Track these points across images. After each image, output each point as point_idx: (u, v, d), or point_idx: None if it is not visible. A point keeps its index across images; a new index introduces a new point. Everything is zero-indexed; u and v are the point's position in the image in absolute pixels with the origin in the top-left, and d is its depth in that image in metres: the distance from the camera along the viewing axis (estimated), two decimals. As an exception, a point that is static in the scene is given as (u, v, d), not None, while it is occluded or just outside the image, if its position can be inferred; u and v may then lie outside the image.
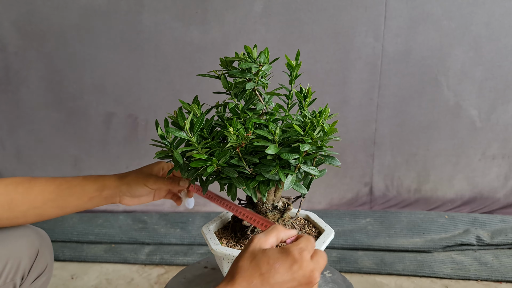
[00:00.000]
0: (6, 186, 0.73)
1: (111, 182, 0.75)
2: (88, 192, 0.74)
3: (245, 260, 0.49)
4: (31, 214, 0.73)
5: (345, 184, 1.72)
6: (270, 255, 0.49)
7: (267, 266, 0.48)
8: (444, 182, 1.70)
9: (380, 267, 1.40)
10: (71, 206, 0.75)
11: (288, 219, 0.63)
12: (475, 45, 1.54)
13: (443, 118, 1.63)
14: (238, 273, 0.49)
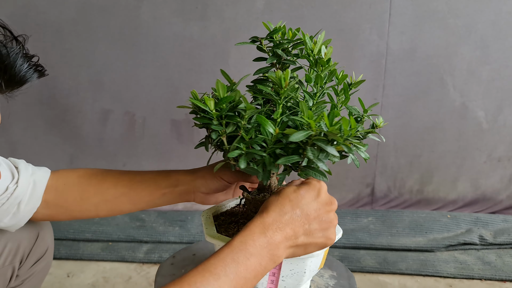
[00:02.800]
0: (79, 177, 0.77)
1: (184, 177, 0.76)
2: (161, 187, 0.76)
3: (273, 197, 0.61)
4: (102, 208, 0.77)
5: (347, 185, 1.81)
6: (294, 186, 0.62)
7: (294, 194, 0.60)
8: (447, 183, 1.81)
9: (383, 266, 1.50)
10: (144, 201, 0.77)
11: None
12: (482, 44, 1.64)
13: (448, 119, 1.73)
14: (269, 206, 0.60)
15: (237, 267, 0.54)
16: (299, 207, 0.59)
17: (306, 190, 0.61)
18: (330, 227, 0.61)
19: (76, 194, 0.76)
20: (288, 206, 0.59)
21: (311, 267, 0.66)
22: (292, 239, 0.59)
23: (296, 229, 0.59)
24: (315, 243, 0.61)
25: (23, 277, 0.84)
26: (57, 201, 0.76)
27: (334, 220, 0.62)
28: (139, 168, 1.82)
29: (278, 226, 0.58)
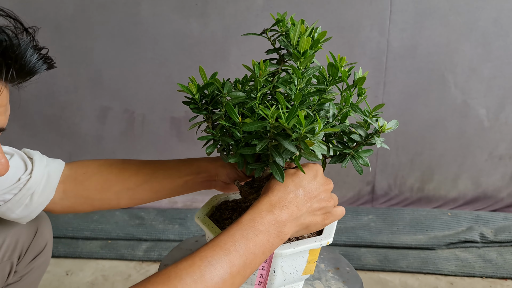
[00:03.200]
0: (100, 166, 0.78)
1: (207, 164, 0.78)
2: (183, 175, 0.77)
3: (274, 180, 0.64)
4: (124, 196, 0.77)
5: (347, 183, 1.82)
6: (294, 170, 0.65)
7: (295, 175, 0.65)
8: (448, 181, 1.81)
9: (384, 264, 1.51)
10: (165, 189, 0.78)
11: None
12: (483, 41, 1.64)
13: (450, 117, 1.74)
14: (274, 186, 0.63)
15: (247, 243, 0.57)
16: (301, 186, 0.64)
17: (306, 171, 0.65)
18: (329, 206, 0.66)
19: (97, 183, 0.76)
20: (291, 185, 0.63)
21: (283, 268, 0.66)
22: (297, 217, 0.62)
23: (300, 207, 0.62)
24: (315, 221, 0.64)
25: (21, 273, 0.84)
26: (77, 191, 0.76)
27: (331, 199, 0.67)
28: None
29: (284, 204, 0.61)
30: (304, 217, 0.63)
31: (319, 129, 0.56)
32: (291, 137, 0.57)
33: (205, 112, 0.66)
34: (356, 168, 0.66)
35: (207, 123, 0.67)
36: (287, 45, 0.64)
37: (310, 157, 0.61)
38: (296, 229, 0.63)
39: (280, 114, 0.56)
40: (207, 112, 0.66)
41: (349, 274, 0.79)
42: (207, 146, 0.66)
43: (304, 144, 0.57)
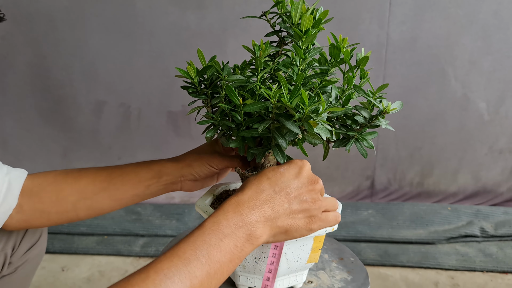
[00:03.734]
0: (55, 176, 0.73)
1: (169, 166, 0.72)
2: (144, 179, 0.72)
3: (252, 177, 0.59)
4: (81, 207, 0.72)
5: (346, 177, 1.81)
6: (274, 166, 0.60)
7: (273, 172, 0.58)
8: (447, 176, 1.81)
9: (384, 258, 1.51)
10: (126, 196, 0.72)
11: None
12: (483, 34, 1.64)
13: (450, 111, 1.73)
14: (246, 184, 0.58)
15: (209, 249, 0.50)
16: (278, 185, 0.57)
17: (286, 168, 0.59)
18: (314, 208, 0.58)
19: (51, 193, 0.71)
20: (265, 183, 0.57)
21: (287, 255, 0.64)
22: (271, 219, 0.56)
23: (275, 208, 0.56)
24: (296, 225, 0.57)
25: (16, 264, 0.82)
26: (32, 204, 0.71)
27: (317, 200, 0.58)
28: (134, 161, 1.79)
29: (254, 204, 0.55)
30: (281, 219, 0.56)
31: (323, 109, 0.54)
32: (294, 117, 0.55)
33: (204, 96, 0.64)
34: (361, 151, 0.64)
35: (206, 108, 0.65)
36: (287, 26, 0.62)
37: (314, 140, 0.59)
38: (272, 233, 0.56)
39: (282, 94, 0.54)
40: (206, 96, 0.64)
41: (353, 264, 0.78)
42: (207, 131, 0.64)
43: (308, 124, 0.55)
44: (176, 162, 0.73)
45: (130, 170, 0.72)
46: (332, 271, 0.76)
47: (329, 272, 0.75)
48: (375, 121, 0.63)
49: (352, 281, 0.73)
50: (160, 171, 0.72)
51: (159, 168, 0.72)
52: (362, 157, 1.93)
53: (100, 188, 0.72)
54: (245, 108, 0.57)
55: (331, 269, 0.76)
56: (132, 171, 0.72)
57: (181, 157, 0.74)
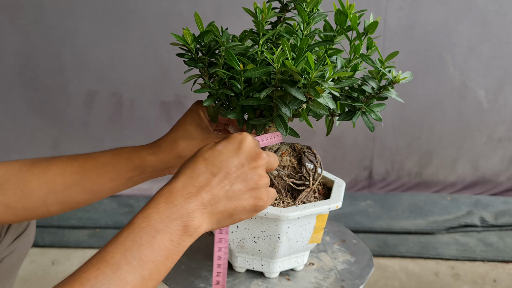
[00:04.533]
0: (21, 166, 0.65)
1: (152, 160, 0.64)
2: (124, 172, 0.64)
3: (187, 159, 0.52)
4: (52, 202, 0.64)
5: (344, 168, 1.78)
6: (212, 144, 0.52)
7: (210, 150, 0.51)
8: (446, 165, 1.78)
9: (383, 249, 1.48)
10: (105, 189, 0.65)
11: None
12: (482, 20, 1.61)
13: (448, 99, 1.70)
14: (180, 169, 0.51)
15: (141, 250, 0.44)
16: (216, 166, 0.49)
17: (224, 145, 0.51)
18: (260, 187, 0.51)
19: (16, 186, 0.63)
20: (202, 166, 0.50)
21: (288, 234, 0.60)
22: (211, 204, 0.49)
23: (215, 192, 0.49)
24: (242, 207, 0.50)
25: (2, 255, 0.78)
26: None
27: (263, 177, 0.52)
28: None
29: (190, 192, 0.48)
30: (223, 203, 0.49)
31: (330, 74, 0.50)
32: (299, 83, 0.51)
33: (201, 64, 0.60)
34: (368, 124, 0.60)
35: (203, 77, 0.61)
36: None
37: (319, 110, 0.55)
38: (214, 220, 0.50)
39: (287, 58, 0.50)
40: (203, 64, 0.60)
41: (356, 246, 0.74)
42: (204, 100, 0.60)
43: (314, 91, 0.51)
44: (161, 152, 0.64)
45: (107, 162, 0.64)
46: (335, 253, 0.72)
47: (331, 254, 0.72)
48: (384, 92, 0.59)
49: (356, 263, 0.69)
50: (143, 163, 0.64)
51: (141, 160, 0.64)
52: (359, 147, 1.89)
53: (72, 182, 0.64)
54: (246, 74, 0.53)
55: (333, 251, 0.73)
56: (109, 163, 0.64)
57: (164, 144, 0.64)
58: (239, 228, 0.61)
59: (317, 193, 0.66)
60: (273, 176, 0.63)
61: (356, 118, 0.59)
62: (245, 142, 0.51)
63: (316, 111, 0.55)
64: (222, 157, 0.50)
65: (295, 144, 0.66)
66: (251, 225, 0.60)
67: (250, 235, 0.61)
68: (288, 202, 0.62)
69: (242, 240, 0.62)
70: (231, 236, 0.62)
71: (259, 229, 0.60)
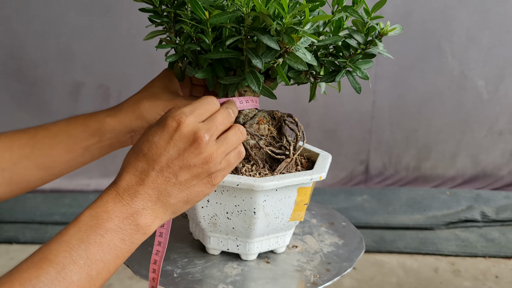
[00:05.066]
0: None
1: (112, 122, 0.57)
2: (79, 140, 0.57)
3: (129, 152, 0.48)
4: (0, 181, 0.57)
5: (339, 162, 1.71)
6: (147, 131, 0.47)
7: (147, 144, 0.46)
8: (445, 159, 1.72)
9: (380, 245, 1.43)
10: (59, 163, 0.58)
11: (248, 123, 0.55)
12: (482, 7, 1.55)
13: (447, 90, 1.64)
14: (124, 165, 0.47)
15: (88, 248, 0.42)
16: (156, 161, 0.45)
17: (159, 135, 0.46)
18: (208, 168, 0.47)
19: None
20: (142, 162, 0.46)
21: (265, 209, 0.53)
22: (161, 200, 0.46)
23: (162, 188, 0.46)
24: (195, 192, 0.47)
25: None
26: None
27: (211, 158, 0.46)
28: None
29: (135, 190, 0.45)
30: (173, 196, 0.46)
31: (306, 17, 0.44)
32: (272, 28, 0.44)
33: (166, 19, 0.53)
34: (354, 85, 0.54)
35: (169, 33, 0.54)
36: None
37: (297, 64, 0.48)
38: (169, 211, 0.47)
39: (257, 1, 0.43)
40: (168, 19, 0.53)
41: (345, 228, 0.67)
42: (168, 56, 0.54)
43: (288, 38, 0.45)
44: (122, 113, 0.57)
45: (60, 130, 0.57)
46: (321, 236, 0.64)
47: (317, 236, 0.64)
48: (371, 47, 0.52)
49: (344, 245, 0.62)
50: (100, 128, 0.57)
51: (98, 126, 0.57)
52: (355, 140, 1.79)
53: (20, 156, 0.56)
54: (211, 20, 0.46)
55: (320, 233, 0.65)
56: (62, 130, 0.57)
57: (127, 105, 0.58)
58: (210, 202, 0.54)
59: (299, 166, 0.59)
60: (250, 146, 0.56)
61: (340, 76, 0.52)
62: (180, 127, 0.46)
63: (293, 65, 0.48)
64: (159, 150, 0.46)
65: (274, 111, 0.59)
66: (223, 198, 0.53)
67: (223, 211, 0.54)
68: (266, 173, 0.55)
69: (214, 217, 0.54)
70: (201, 213, 0.55)
71: (232, 203, 0.53)
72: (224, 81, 0.52)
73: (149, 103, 0.57)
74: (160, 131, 0.46)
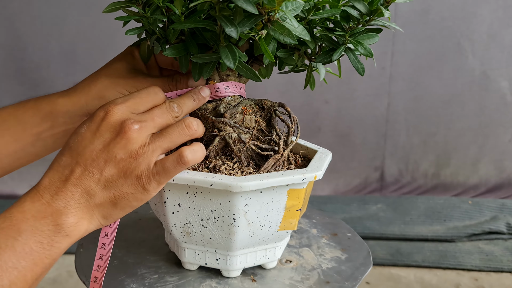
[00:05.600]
0: None
1: (65, 103, 0.49)
2: (30, 126, 0.49)
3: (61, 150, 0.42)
4: None
5: (353, 168, 1.62)
6: (80, 125, 0.41)
7: (74, 135, 0.40)
8: (467, 166, 1.62)
9: (396, 258, 1.33)
10: (6, 154, 0.50)
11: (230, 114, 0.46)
12: (504, 3, 1.47)
13: (467, 91, 1.55)
14: (53, 162, 0.41)
15: (0, 254, 0.37)
16: (80, 154, 0.40)
17: (86, 126, 0.41)
18: (136, 165, 0.39)
19: None
20: (67, 156, 0.40)
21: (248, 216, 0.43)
22: (84, 198, 0.40)
23: (85, 185, 0.39)
24: (124, 194, 0.40)
25: None
26: None
27: (138, 154, 0.40)
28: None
29: (57, 187, 0.39)
30: (99, 196, 0.40)
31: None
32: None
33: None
34: (355, 64, 0.43)
35: (136, 5, 0.45)
36: None
37: (283, 36, 0.39)
38: (96, 215, 0.40)
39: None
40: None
41: (350, 240, 0.56)
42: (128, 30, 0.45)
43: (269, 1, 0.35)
44: (76, 93, 0.50)
45: (9, 115, 0.50)
46: (321, 248, 0.54)
47: (316, 249, 0.54)
48: (375, 17, 0.42)
49: (348, 260, 0.51)
50: (52, 111, 0.49)
51: (51, 108, 0.49)
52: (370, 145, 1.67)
53: None
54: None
55: (320, 246, 0.55)
56: (11, 115, 0.50)
57: (82, 84, 0.51)
58: (182, 207, 0.44)
59: (293, 165, 0.49)
60: (232, 141, 0.46)
61: (337, 54, 0.42)
62: (107, 116, 0.40)
63: (279, 38, 0.38)
64: (85, 142, 0.40)
65: (263, 100, 0.50)
66: (196, 202, 0.43)
67: (197, 217, 0.44)
68: (250, 172, 0.45)
69: (187, 224, 0.45)
70: (172, 220, 0.45)
71: (208, 208, 0.43)
72: (197, 59, 0.42)
73: (109, 80, 0.49)
74: (88, 121, 0.41)
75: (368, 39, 0.43)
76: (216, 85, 0.48)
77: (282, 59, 0.48)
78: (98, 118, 0.40)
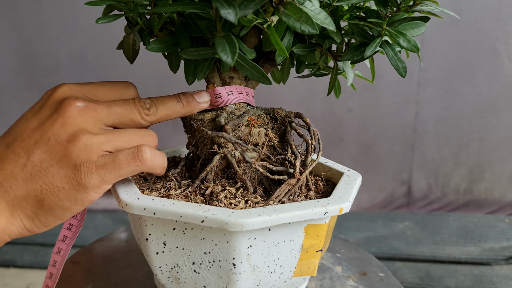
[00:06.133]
0: None
1: None
2: None
3: None
4: None
5: (378, 182, 1.51)
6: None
7: (19, 120, 0.35)
8: (503, 180, 1.50)
9: (426, 282, 1.22)
10: None
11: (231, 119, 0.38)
12: (545, 3, 1.34)
13: (503, 99, 1.44)
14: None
15: None
16: (11, 133, 0.34)
17: (31, 107, 0.36)
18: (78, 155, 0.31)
19: None
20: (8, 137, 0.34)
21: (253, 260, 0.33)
22: (4, 188, 0.31)
23: (8, 169, 0.32)
24: (53, 188, 0.31)
25: None
26: None
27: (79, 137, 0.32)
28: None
29: None
30: (22, 184, 0.31)
31: None
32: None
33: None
34: (394, 63, 0.33)
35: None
36: None
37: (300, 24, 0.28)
38: (19, 211, 0.32)
39: None
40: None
41: (383, 282, 0.45)
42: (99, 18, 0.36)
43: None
44: None
45: None
46: None
47: (341, 295, 0.43)
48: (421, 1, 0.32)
49: None
50: None
51: None
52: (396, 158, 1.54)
53: None
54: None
55: (345, 290, 0.44)
56: None
57: None
58: (168, 246, 0.34)
59: (313, 191, 0.38)
60: (236, 160, 0.36)
61: (372, 48, 0.32)
62: (54, 92, 0.35)
63: (295, 26, 0.28)
64: (21, 121, 0.34)
65: (276, 109, 0.39)
66: (185, 241, 0.33)
67: (187, 260, 0.34)
68: (257, 202, 0.35)
69: (174, 269, 0.35)
70: (156, 262, 0.35)
71: (200, 249, 0.33)
72: (188, 55, 0.32)
73: None
74: (36, 103, 0.36)
75: (412, 29, 0.33)
76: (217, 90, 0.38)
77: (300, 57, 0.37)
78: (44, 96, 0.36)
